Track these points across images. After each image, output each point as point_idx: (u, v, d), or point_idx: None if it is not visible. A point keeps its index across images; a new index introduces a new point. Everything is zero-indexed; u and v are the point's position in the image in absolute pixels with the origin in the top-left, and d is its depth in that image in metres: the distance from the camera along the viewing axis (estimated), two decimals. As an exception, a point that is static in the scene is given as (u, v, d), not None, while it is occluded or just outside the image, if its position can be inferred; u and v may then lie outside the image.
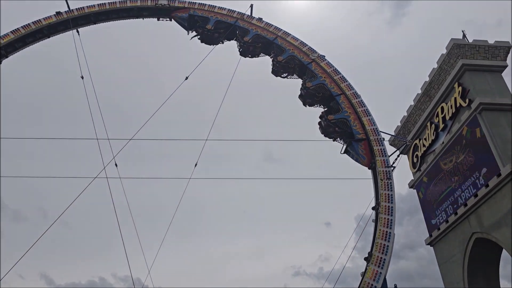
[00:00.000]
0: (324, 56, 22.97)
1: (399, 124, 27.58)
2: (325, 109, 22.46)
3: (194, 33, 25.42)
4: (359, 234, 20.14)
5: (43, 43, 24.17)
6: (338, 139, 21.90)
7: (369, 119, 20.88)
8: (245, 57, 24.93)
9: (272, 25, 24.57)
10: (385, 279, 16.73)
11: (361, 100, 21.19)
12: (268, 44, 24.25)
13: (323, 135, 22.26)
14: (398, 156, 20.12)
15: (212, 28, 24.64)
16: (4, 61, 22.89)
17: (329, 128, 21.65)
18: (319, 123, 22.38)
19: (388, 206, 17.91)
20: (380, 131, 20.41)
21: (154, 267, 22.34)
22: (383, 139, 20.26)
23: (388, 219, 17.54)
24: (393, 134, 25.30)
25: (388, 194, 18.37)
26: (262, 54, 24.77)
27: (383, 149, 19.74)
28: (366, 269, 17.04)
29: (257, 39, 24.25)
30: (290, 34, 24.22)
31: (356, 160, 20.70)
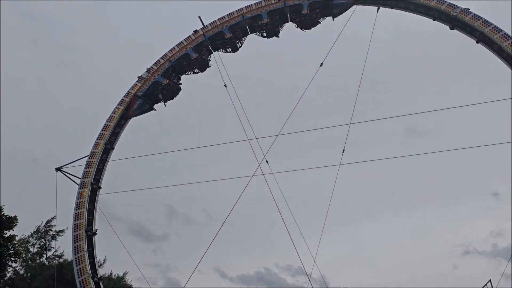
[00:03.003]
0: (469, 9, 20.47)
1: None
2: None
3: None
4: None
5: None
6: (321, 18, 24.53)
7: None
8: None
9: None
10: None
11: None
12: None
13: (307, 30, 24.70)
14: None
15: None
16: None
17: (312, 16, 24.11)
18: (298, 27, 24.66)
19: None
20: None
21: (317, 255, 22.76)
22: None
23: None
24: None
25: None
26: None
27: None
28: None
29: None
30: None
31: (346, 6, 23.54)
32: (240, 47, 25.53)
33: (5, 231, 23.90)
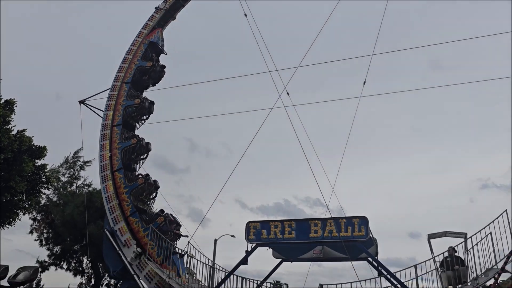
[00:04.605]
0: None
1: None
2: None
3: None
4: None
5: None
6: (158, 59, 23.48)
7: None
8: None
9: None
10: None
11: None
12: None
13: (159, 81, 23.70)
14: None
15: None
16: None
17: (157, 61, 23.18)
18: (153, 84, 23.56)
19: None
20: None
21: (336, 189, 23.21)
22: None
23: None
24: None
25: None
26: None
27: None
28: None
29: None
30: None
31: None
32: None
33: (36, 160, 25.16)
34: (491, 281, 13.29)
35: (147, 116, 23.17)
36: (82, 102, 24.04)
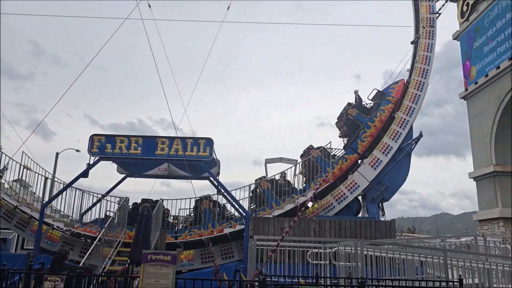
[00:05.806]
0: None
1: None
2: None
3: None
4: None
5: None
6: None
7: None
8: None
9: None
10: (411, 128, 17.19)
11: None
12: None
13: None
14: (446, 1, 18.64)
15: None
16: None
17: None
18: None
19: (426, 56, 17.35)
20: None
21: (189, 114, 23.29)
22: (432, -17, 18.53)
23: (423, 69, 17.16)
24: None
25: (428, 43, 17.61)
26: None
27: (430, -7, 18.21)
28: (394, 117, 17.41)
29: None
30: None
31: None
32: None
33: None
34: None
35: None
36: None
